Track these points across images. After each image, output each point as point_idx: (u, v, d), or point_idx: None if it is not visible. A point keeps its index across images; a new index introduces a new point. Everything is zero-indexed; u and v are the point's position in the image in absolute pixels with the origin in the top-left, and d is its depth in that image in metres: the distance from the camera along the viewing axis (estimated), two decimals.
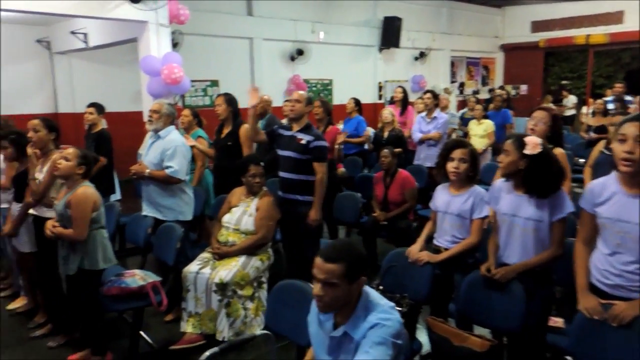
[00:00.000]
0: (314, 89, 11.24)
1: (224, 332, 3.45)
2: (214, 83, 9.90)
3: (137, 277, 3.28)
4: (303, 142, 3.72)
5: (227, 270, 3.48)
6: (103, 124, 5.41)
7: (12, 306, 4.16)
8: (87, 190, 3.14)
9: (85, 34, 7.46)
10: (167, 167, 3.74)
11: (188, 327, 3.48)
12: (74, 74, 9.00)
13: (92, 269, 3.15)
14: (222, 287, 3.43)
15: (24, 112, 7.74)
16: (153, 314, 3.63)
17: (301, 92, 3.94)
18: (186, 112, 4.76)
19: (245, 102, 3.99)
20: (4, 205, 4.01)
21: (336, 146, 5.00)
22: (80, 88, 8.93)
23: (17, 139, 3.75)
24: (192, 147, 4.32)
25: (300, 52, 10.71)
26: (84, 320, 3.30)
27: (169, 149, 3.76)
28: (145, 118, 6.36)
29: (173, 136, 3.87)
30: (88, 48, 7.73)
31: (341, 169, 5.44)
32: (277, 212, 3.79)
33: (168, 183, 3.79)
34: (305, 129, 3.80)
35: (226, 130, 4.47)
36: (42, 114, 7.84)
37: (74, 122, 8.45)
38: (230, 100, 4.48)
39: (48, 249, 3.49)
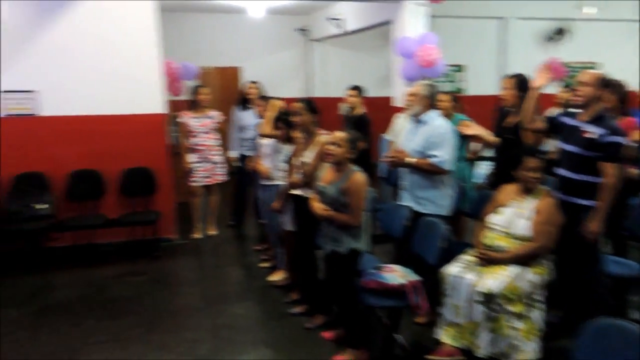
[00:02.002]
0: (574, 73, 9.75)
1: (485, 348, 3.01)
2: (460, 68, 9.36)
3: (397, 274, 3.06)
4: (591, 135, 3.08)
5: (495, 279, 3.01)
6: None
7: (272, 278, 4.42)
8: (361, 177, 3.11)
9: (341, 20, 7.69)
10: (433, 156, 3.42)
11: (446, 337, 3.13)
12: (327, 60, 9.48)
13: (360, 249, 3.15)
14: (488, 298, 2.98)
15: (282, 97, 8.45)
16: (403, 313, 3.39)
17: (592, 71, 3.21)
18: (444, 97, 4.36)
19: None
20: (275, 183, 4.25)
21: (630, 142, 4.02)
22: (331, 73, 9.38)
23: (288, 120, 3.89)
24: (473, 136, 3.91)
25: (559, 32, 9.39)
26: (342, 303, 3.27)
27: (434, 137, 3.43)
28: (395, 103, 6.34)
29: (439, 122, 3.52)
30: (342, 34, 7.98)
31: (634, 170, 4.39)
32: (560, 216, 3.16)
33: (433, 173, 3.47)
34: (597, 120, 3.12)
35: (511, 120, 3.90)
36: (296, 99, 8.51)
37: (325, 107, 8.92)
38: (521, 82, 3.82)
39: (307, 229, 3.55)
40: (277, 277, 4.40)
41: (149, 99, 5.21)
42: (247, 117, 5.54)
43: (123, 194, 5.23)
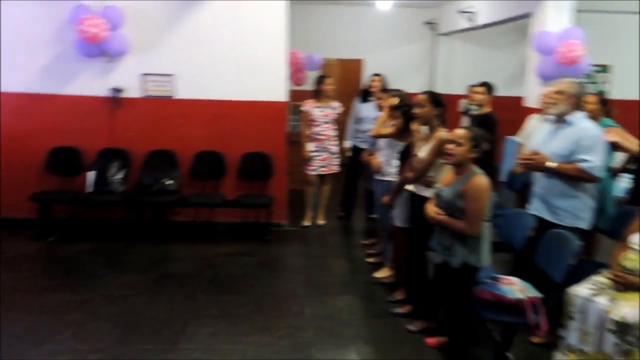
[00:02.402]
0: None
1: None
2: (604, 68, 8.44)
3: (516, 288, 2.79)
4: None
5: (634, 308, 2.62)
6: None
7: (378, 275, 4.31)
8: (482, 180, 2.80)
9: (473, 13, 7.30)
10: (582, 161, 3.05)
11: None
12: (454, 55, 9.10)
13: (476, 265, 2.83)
14: (623, 328, 2.59)
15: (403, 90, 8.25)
16: (519, 330, 3.10)
17: None
18: (591, 98, 3.91)
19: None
20: (388, 178, 4.12)
21: None
22: (456, 69, 8.99)
23: (407, 111, 3.76)
24: (614, 143, 3.48)
25: None
26: (450, 315, 3.04)
27: (584, 139, 3.06)
28: (527, 103, 5.86)
29: (587, 124, 3.15)
30: (473, 28, 7.58)
31: None
32: None
33: (579, 180, 3.11)
34: None
35: None
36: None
37: (447, 103, 8.58)
38: None
39: (421, 229, 3.38)
40: (383, 274, 4.28)
41: (272, 87, 5.35)
42: (366, 109, 5.47)
43: (241, 176, 5.44)
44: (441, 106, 3.43)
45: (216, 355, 3.17)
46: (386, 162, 4.12)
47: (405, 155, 3.70)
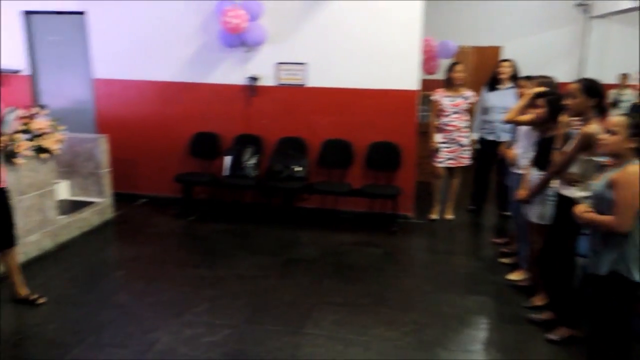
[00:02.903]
0: None
1: None
2: None
3: None
4: None
5: None
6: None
7: (511, 277, 4.00)
8: (638, 169, 2.38)
9: None
10: None
11: None
12: (609, 39, 8.14)
13: (627, 276, 2.42)
14: None
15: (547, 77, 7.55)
16: None
17: None
18: None
19: None
20: (521, 171, 3.79)
21: None
22: (611, 56, 8.04)
23: (554, 100, 3.42)
24: None
25: None
26: (598, 334, 2.68)
27: None
28: None
29: None
30: (636, 8, 6.67)
31: None
32: None
33: None
34: None
35: None
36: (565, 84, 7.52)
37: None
38: None
39: (564, 227, 3.05)
40: (517, 276, 3.96)
41: (404, 75, 5.20)
42: (494, 98, 5.11)
43: (368, 166, 5.39)
44: (597, 96, 3.03)
45: (339, 344, 3.17)
46: (523, 155, 3.79)
47: (546, 149, 3.37)
